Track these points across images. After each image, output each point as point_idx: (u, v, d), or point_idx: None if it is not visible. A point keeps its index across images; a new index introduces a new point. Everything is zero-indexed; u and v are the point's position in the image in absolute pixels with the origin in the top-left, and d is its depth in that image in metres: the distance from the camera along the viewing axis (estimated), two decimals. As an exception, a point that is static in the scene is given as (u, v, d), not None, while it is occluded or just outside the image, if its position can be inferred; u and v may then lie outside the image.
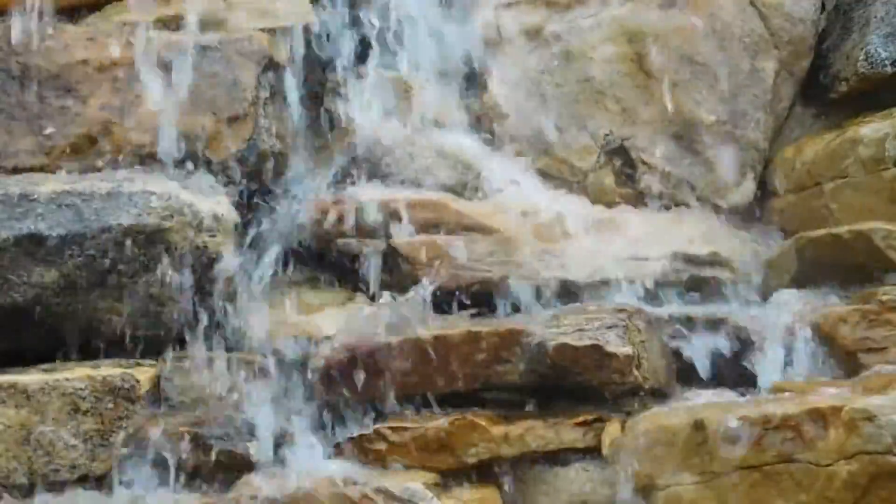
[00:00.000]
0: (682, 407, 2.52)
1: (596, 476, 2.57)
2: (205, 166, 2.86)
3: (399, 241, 2.83)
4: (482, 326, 2.64)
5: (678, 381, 2.67)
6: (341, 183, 2.98)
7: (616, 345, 2.57)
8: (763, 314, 2.74)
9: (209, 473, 2.55)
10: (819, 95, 3.22)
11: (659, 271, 2.88)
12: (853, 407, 2.25)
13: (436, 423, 2.58)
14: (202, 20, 3.02)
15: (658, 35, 3.14)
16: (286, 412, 2.61)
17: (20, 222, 2.63)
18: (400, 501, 2.44)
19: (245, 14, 3.04)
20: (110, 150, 2.88)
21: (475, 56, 3.23)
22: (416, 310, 2.81)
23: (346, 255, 2.85)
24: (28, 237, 2.63)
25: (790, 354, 2.63)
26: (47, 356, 2.66)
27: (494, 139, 3.15)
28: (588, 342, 2.58)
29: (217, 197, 2.76)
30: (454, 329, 2.64)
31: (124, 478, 2.56)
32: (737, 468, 2.32)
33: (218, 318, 2.72)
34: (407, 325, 2.73)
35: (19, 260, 2.62)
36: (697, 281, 2.91)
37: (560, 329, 2.60)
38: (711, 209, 3.13)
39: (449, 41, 3.22)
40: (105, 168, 2.86)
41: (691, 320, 2.71)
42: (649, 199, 3.11)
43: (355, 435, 2.59)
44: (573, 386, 2.59)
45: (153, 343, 2.69)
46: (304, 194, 2.95)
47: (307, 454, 2.58)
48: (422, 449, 2.57)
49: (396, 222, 2.84)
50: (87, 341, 2.69)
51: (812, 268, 2.82)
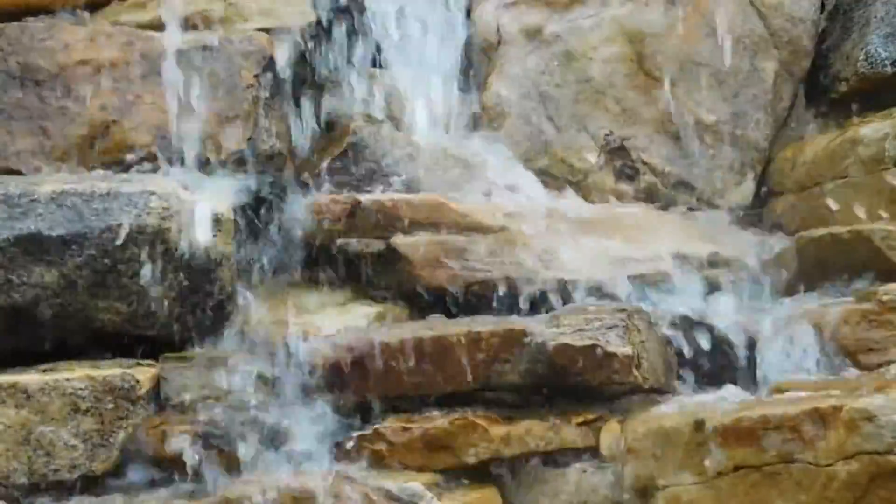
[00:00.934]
0: (682, 407, 2.52)
1: (596, 476, 2.56)
2: (205, 166, 2.86)
3: (399, 241, 2.83)
4: (482, 326, 2.64)
5: (678, 381, 2.67)
6: (341, 183, 2.98)
7: (616, 345, 2.57)
8: (763, 314, 2.74)
9: (209, 473, 2.55)
10: (819, 95, 3.22)
11: (659, 271, 2.88)
12: (853, 407, 2.24)
13: (436, 423, 2.58)
14: (202, 20, 3.02)
15: (658, 35, 3.14)
16: (286, 412, 2.61)
17: (20, 222, 2.63)
18: (400, 501, 2.44)
19: (245, 14, 3.04)
20: (110, 150, 2.88)
21: (475, 56, 3.23)
22: (416, 310, 2.81)
23: (346, 255, 2.85)
24: (28, 237, 2.62)
25: (790, 354, 2.63)
26: (47, 356, 2.66)
27: (494, 139, 3.15)
28: (588, 342, 2.58)
29: (217, 197, 2.76)
30: (454, 329, 2.64)
31: (124, 478, 2.56)
32: (737, 468, 2.31)
33: (218, 318, 2.72)
34: (406, 326, 2.73)
35: (19, 260, 2.62)
36: (697, 281, 2.91)
37: (560, 329, 2.60)
38: (711, 209, 3.14)
39: (449, 41, 3.22)
40: (105, 168, 2.86)
41: (691, 320, 2.71)
42: (649, 199, 3.11)
43: (355, 435, 2.59)
44: (573, 386, 2.59)
45: (153, 343, 2.69)
46: (304, 194, 2.95)
47: (307, 454, 2.58)
48: (422, 449, 2.56)
49: (396, 222, 2.84)
50: (87, 341, 2.69)
51: (812, 268, 2.82)
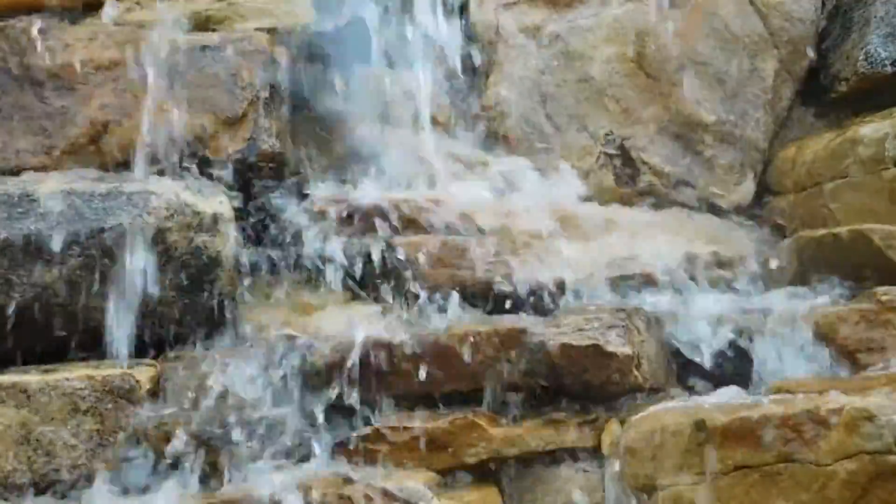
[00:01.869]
0: (682, 407, 2.51)
1: (596, 476, 2.56)
2: (205, 166, 2.86)
3: (398, 241, 2.83)
4: (482, 326, 2.64)
5: (678, 381, 2.67)
6: (341, 182, 2.98)
7: (616, 345, 2.57)
8: (763, 314, 2.74)
9: (209, 473, 2.55)
10: (819, 95, 3.22)
11: (659, 271, 2.88)
12: (853, 407, 2.24)
13: (436, 423, 2.58)
14: (202, 20, 3.02)
15: (658, 35, 3.14)
16: (286, 412, 2.61)
17: (20, 222, 2.63)
18: (400, 501, 2.44)
19: (245, 14, 3.04)
20: (110, 150, 2.88)
21: (475, 56, 3.23)
22: (416, 310, 2.81)
23: (346, 255, 2.85)
24: (28, 237, 2.62)
25: (790, 354, 2.63)
26: (47, 356, 2.66)
27: (494, 139, 3.15)
28: (588, 342, 2.58)
29: (217, 197, 2.76)
30: (454, 329, 2.64)
31: (124, 478, 2.56)
32: (737, 468, 2.31)
33: (218, 318, 2.72)
34: (406, 326, 2.73)
35: (19, 260, 2.62)
36: (697, 281, 2.91)
37: (560, 329, 2.60)
38: (711, 209, 3.14)
39: (449, 41, 3.22)
40: (105, 168, 2.86)
41: (691, 320, 2.71)
42: (649, 199, 3.12)
43: (355, 435, 2.59)
44: (573, 386, 2.59)
45: (153, 343, 2.70)
46: (304, 194, 2.95)
47: (307, 454, 2.58)
48: (422, 449, 2.57)
49: (396, 222, 2.84)
50: (88, 341, 2.69)
51: (812, 268, 2.82)
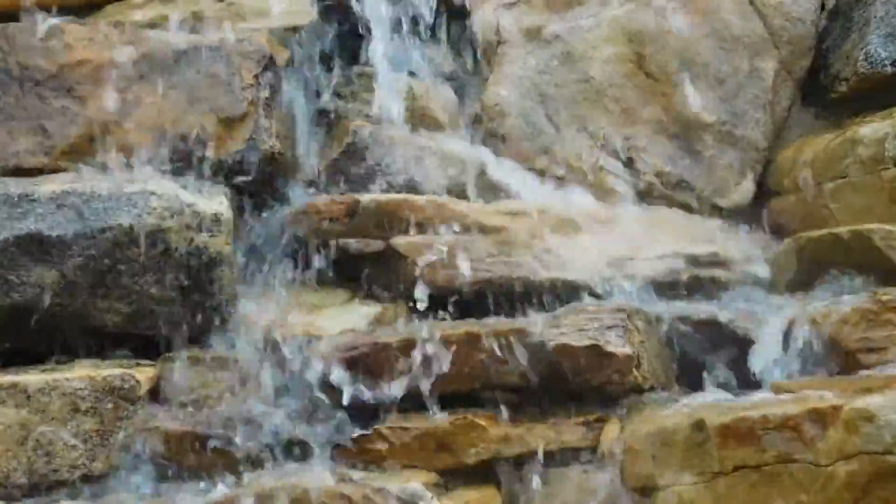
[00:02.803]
0: (682, 407, 2.51)
1: (596, 476, 2.56)
2: (205, 166, 2.86)
3: (398, 241, 2.83)
4: (482, 326, 2.64)
5: (677, 381, 2.67)
6: (341, 183, 2.98)
7: (616, 345, 2.57)
8: (763, 314, 2.74)
9: (209, 473, 2.55)
10: (819, 95, 3.22)
11: (659, 271, 2.88)
12: (853, 407, 2.24)
13: (436, 423, 2.58)
14: (203, 20, 3.02)
15: (658, 35, 3.14)
16: (286, 412, 2.61)
17: (20, 222, 2.63)
18: (400, 501, 2.44)
19: (245, 14, 3.04)
20: (110, 151, 2.88)
21: (475, 56, 3.23)
22: (416, 310, 2.81)
23: (346, 255, 2.85)
24: (28, 237, 2.63)
25: (790, 354, 2.63)
26: (47, 356, 2.66)
27: (494, 139, 3.15)
28: (588, 342, 2.58)
29: (217, 197, 2.76)
30: (454, 329, 2.64)
31: (124, 478, 2.56)
32: (737, 468, 2.31)
33: (217, 318, 2.72)
34: (406, 326, 2.73)
35: (19, 260, 2.62)
36: (697, 281, 2.91)
37: (560, 329, 2.60)
38: (711, 209, 3.13)
39: (449, 41, 3.22)
40: (105, 168, 2.86)
41: (691, 320, 2.71)
42: (649, 199, 3.11)
43: (355, 435, 2.59)
44: (573, 386, 2.59)
45: (153, 343, 2.70)
46: (304, 194, 2.95)
47: (307, 454, 2.58)
48: (422, 449, 2.57)
49: (396, 222, 2.84)
50: (87, 341, 2.69)
51: (812, 268, 2.82)
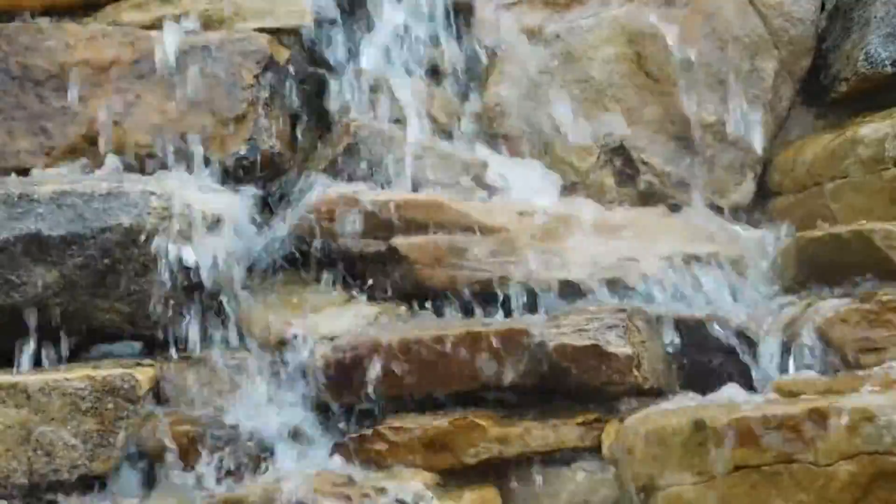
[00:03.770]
0: (682, 407, 2.51)
1: (596, 476, 2.56)
2: (205, 166, 2.86)
3: (399, 242, 2.83)
4: (482, 326, 2.64)
5: (678, 382, 2.67)
6: (341, 183, 2.98)
7: (616, 345, 2.57)
8: (763, 314, 2.74)
9: (209, 474, 2.55)
10: (819, 95, 3.22)
11: (659, 271, 2.87)
12: (853, 407, 2.24)
13: (436, 423, 2.58)
14: (202, 20, 3.02)
15: (658, 35, 3.14)
16: (286, 412, 2.61)
17: (20, 222, 2.63)
18: (400, 501, 2.44)
19: (245, 14, 3.04)
20: (110, 150, 2.88)
21: (475, 56, 3.23)
22: (416, 310, 2.81)
23: (346, 256, 2.85)
24: (28, 237, 2.63)
25: (790, 354, 2.63)
26: (47, 356, 2.66)
27: (495, 139, 3.15)
28: (588, 342, 2.58)
29: (217, 197, 2.77)
30: (454, 329, 2.64)
31: (124, 478, 2.56)
32: (737, 468, 2.31)
33: (218, 318, 2.72)
34: (407, 326, 2.73)
35: (19, 260, 2.62)
36: (697, 281, 2.91)
37: (560, 329, 2.60)
38: (711, 209, 3.13)
39: (449, 41, 3.22)
40: (105, 168, 2.86)
41: (691, 320, 2.71)
42: (649, 199, 3.11)
43: (355, 435, 2.59)
44: (573, 386, 2.59)
45: (153, 343, 2.70)
46: (304, 194, 2.95)
47: (307, 454, 2.58)
48: (422, 449, 2.57)
49: (396, 222, 2.84)
50: (87, 341, 2.69)
51: (812, 268, 2.82)
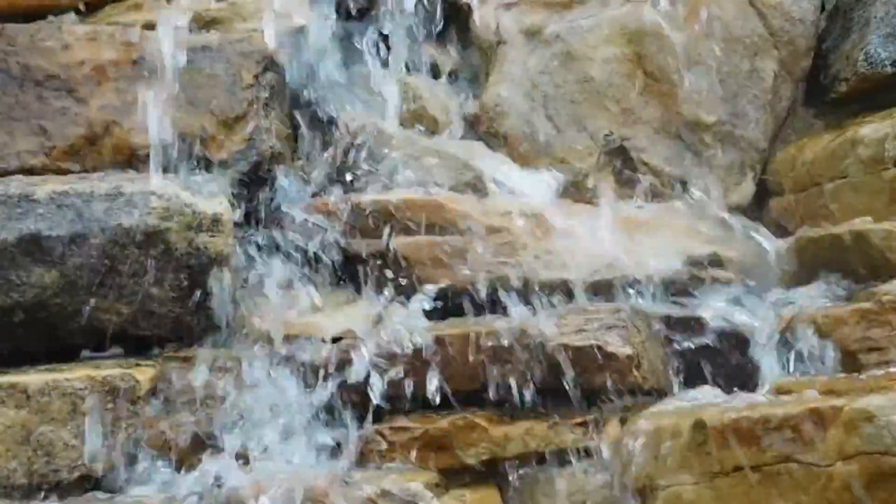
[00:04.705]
0: (682, 407, 2.51)
1: (596, 476, 2.56)
2: (204, 166, 2.86)
3: (399, 242, 2.83)
4: (482, 326, 2.64)
5: (678, 382, 2.67)
6: (341, 184, 2.98)
7: (616, 345, 2.57)
8: (763, 314, 2.74)
9: (209, 474, 2.55)
10: (819, 95, 3.22)
11: (659, 271, 2.87)
12: (853, 407, 2.24)
13: (436, 423, 2.58)
14: (202, 20, 3.02)
15: (658, 35, 3.14)
16: (286, 412, 2.61)
17: (20, 222, 2.63)
18: (400, 501, 2.44)
19: (245, 14, 3.04)
20: (110, 150, 2.88)
21: (475, 56, 3.23)
22: (416, 310, 2.81)
23: (346, 255, 2.85)
24: (28, 237, 2.63)
25: (790, 354, 2.63)
26: (47, 356, 2.66)
27: (494, 139, 3.15)
28: (588, 342, 2.58)
29: (217, 197, 2.76)
30: (454, 329, 2.64)
31: (124, 478, 2.56)
32: (737, 468, 2.31)
33: (218, 318, 2.72)
34: (407, 326, 2.73)
35: (19, 260, 2.62)
36: (697, 281, 2.91)
37: (560, 329, 2.60)
38: (711, 209, 3.13)
39: (449, 41, 3.23)
40: (105, 168, 2.86)
41: (691, 320, 2.71)
42: (649, 200, 3.11)
43: (355, 435, 2.59)
44: (573, 386, 2.59)
45: (153, 343, 2.70)
46: (304, 195, 2.95)
47: (307, 454, 2.58)
48: (422, 449, 2.57)
49: (396, 223, 2.84)
50: (87, 341, 2.69)
51: (812, 268, 2.82)
